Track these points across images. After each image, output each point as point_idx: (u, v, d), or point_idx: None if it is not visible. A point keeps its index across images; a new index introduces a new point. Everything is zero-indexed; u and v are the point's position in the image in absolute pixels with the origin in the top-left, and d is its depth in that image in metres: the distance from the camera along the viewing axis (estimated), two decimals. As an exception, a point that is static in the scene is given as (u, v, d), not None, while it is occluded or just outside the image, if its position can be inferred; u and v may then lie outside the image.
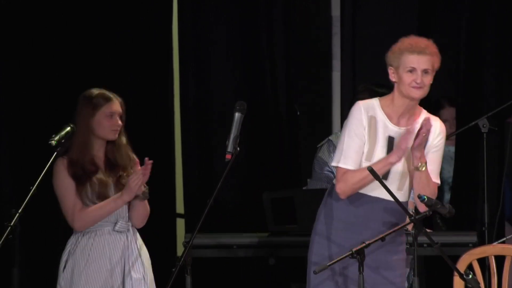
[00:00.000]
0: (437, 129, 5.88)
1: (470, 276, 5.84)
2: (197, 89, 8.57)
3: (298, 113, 8.47)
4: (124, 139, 6.60)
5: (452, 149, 8.36)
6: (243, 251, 7.40)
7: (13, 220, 5.95)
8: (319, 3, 8.84)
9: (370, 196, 5.93)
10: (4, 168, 8.06)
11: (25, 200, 6.09)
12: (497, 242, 7.37)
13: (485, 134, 7.43)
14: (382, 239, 5.66)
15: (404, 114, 5.92)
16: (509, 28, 8.26)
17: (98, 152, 6.57)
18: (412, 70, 5.78)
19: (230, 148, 5.77)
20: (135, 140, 6.74)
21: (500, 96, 8.03)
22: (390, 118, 5.96)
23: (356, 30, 8.41)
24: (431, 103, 7.84)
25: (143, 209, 6.64)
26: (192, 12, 8.57)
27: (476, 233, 7.21)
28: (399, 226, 5.86)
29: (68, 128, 6.48)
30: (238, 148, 5.76)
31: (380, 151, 5.96)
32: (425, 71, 5.75)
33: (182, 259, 5.74)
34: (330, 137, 7.68)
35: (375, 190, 5.91)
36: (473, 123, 7.47)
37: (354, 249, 5.55)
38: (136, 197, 6.60)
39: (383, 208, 5.96)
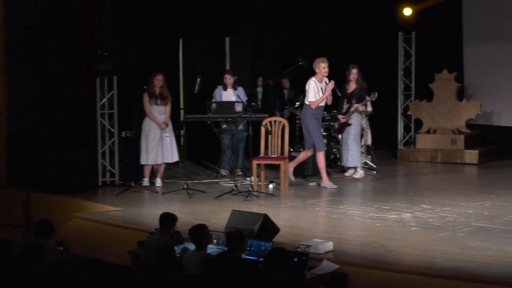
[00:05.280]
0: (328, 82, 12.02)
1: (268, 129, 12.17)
2: (187, 74, 15.16)
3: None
4: (165, 86, 12.51)
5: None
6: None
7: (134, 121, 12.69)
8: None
9: (320, 106, 12.26)
10: (133, 98, 12.96)
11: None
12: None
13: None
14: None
15: (321, 80, 12.20)
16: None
17: (156, 90, 12.43)
18: (324, 68, 12.10)
19: (196, 88, 12.44)
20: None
21: (281, 70, 14.93)
22: (318, 82, 12.23)
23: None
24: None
25: (169, 108, 12.57)
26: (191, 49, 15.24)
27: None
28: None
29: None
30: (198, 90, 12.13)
31: (320, 92, 12.19)
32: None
33: (183, 121, 13.11)
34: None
35: (321, 104, 12.18)
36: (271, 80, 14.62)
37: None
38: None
39: (321, 108, 12.29)
